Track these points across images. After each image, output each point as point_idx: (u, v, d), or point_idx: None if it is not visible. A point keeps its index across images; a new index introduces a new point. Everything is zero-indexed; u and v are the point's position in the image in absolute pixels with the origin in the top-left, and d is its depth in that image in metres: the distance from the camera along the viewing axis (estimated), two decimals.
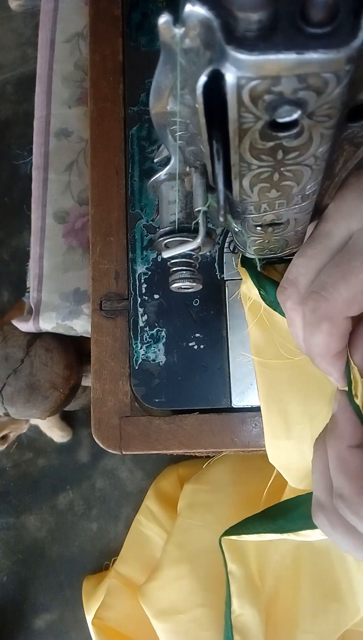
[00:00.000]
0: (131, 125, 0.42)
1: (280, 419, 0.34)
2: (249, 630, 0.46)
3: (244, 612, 0.47)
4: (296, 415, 0.34)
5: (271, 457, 0.35)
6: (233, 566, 0.47)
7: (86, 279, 0.53)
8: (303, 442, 0.33)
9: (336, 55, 0.13)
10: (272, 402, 0.34)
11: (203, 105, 0.16)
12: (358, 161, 0.21)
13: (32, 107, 0.57)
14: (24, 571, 0.98)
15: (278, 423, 0.34)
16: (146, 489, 0.82)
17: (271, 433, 0.34)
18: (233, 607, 0.47)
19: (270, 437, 0.34)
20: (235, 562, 0.47)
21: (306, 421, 0.33)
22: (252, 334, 0.35)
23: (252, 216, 0.22)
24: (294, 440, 0.33)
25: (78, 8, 0.58)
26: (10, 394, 0.57)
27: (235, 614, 0.47)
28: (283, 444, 0.34)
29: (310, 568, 0.51)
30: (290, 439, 0.34)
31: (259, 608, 0.47)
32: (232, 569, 0.47)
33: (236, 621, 0.47)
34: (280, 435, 0.34)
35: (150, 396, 0.39)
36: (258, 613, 0.47)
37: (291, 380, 0.34)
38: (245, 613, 0.47)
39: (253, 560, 0.50)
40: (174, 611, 0.53)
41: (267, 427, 0.34)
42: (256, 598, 0.48)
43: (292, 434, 0.33)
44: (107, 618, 0.69)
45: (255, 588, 0.48)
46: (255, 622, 0.47)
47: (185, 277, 0.28)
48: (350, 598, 0.50)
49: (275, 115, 0.14)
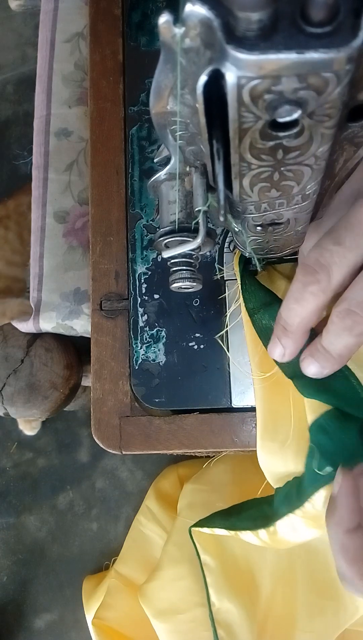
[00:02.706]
0: (131, 125, 0.42)
1: (269, 419, 0.34)
2: (232, 623, 0.46)
3: (222, 605, 0.47)
4: (282, 419, 0.33)
5: (259, 458, 0.35)
6: (206, 557, 0.47)
7: (86, 278, 0.53)
8: (287, 447, 0.33)
9: (336, 55, 0.13)
10: (264, 402, 0.34)
11: (203, 105, 0.16)
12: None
13: (32, 107, 0.57)
14: (24, 571, 0.98)
15: (266, 424, 0.34)
16: (146, 489, 0.82)
17: (259, 433, 0.34)
18: (212, 599, 0.47)
19: (259, 437, 0.34)
20: (208, 554, 0.47)
21: (290, 425, 0.33)
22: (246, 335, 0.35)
23: (252, 216, 0.22)
24: (278, 443, 0.33)
25: (78, 8, 0.58)
26: (10, 394, 0.57)
27: (214, 607, 0.47)
28: (268, 445, 0.34)
29: (306, 568, 0.51)
30: (274, 441, 0.33)
31: (244, 602, 0.47)
32: (206, 560, 0.47)
33: (217, 614, 0.47)
34: (266, 437, 0.34)
35: (150, 396, 0.39)
36: (242, 607, 0.47)
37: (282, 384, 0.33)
38: (224, 606, 0.47)
39: (241, 557, 0.49)
40: (174, 611, 0.53)
41: (258, 426, 0.34)
42: (240, 592, 0.47)
43: (277, 436, 0.33)
44: (107, 618, 0.69)
45: (240, 583, 0.48)
46: (236, 615, 0.47)
47: (185, 276, 0.28)
48: (348, 597, 0.50)
49: (275, 115, 0.14)
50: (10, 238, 0.65)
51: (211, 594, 0.47)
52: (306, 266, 0.24)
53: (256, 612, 0.49)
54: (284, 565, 0.51)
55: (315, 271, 0.24)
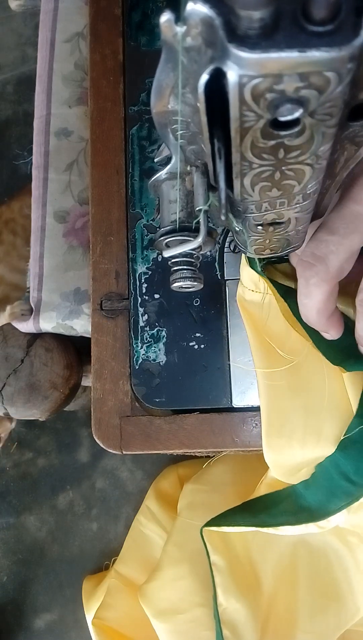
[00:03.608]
0: (132, 125, 0.42)
1: (275, 416, 0.34)
2: (237, 624, 0.47)
3: (230, 605, 0.47)
4: (292, 414, 0.34)
5: (266, 455, 0.35)
6: (216, 557, 0.47)
7: (87, 278, 0.53)
8: (294, 440, 0.34)
9: (338, 54, 0.13)
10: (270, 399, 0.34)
11: (204, 104, 0.16)
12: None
13: (32, 107, 0.57)
14: (24, 571, 0.98)
15: (271, 420, 0.34)
16: (146, 489, 0.82)
17: (265, 430, 0.34)
18: (219, 599, 0.47)
19: (265, 434, 0.34)
20: (218, 554, 0.47)
21: (300, 420, 0.33)
22: (249, 337, 0.35)
23: (253, 215, 0.22)
24: (285, 438, 0.34)
25: (78, 8, 0.58)
26: (10, 394, 0.57)
27: (222, 607, 0.47)
28: (275, 442, 0.34)
29: (308, 568, 0.51)
30: (281, 436, 0.34)
31: (249, 602, 0.47)
32: (215, 560, 0.47)
33: (224, 614, 0.47)
34: (273, 433, 0.34)
35: (150, 396, 0.39)
36: (248, 607, 0.47)
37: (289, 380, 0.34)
38: (231, 606, 0.47)
39: (244, 557, 0.50)
40: (174, 611, 0.53)
41: (263, 423, 0.34)
42: (246, 592, 0.48)
43: (284, 431, 0.34)
44: (107, 618, 0.69)
45: (245, 583, 0.48)
46: (242, 615, 0.47)
47: (186, 276, 0.28)
48: (350, 598, 0.50)
49: (277, 114, 0.14)
50: (18, 244, 0.65)
51: (218, 594, 0.47)
52: (303, 261, 0.25)
53: (259, 612, 0.49)
54: (286, 566, 0.51)
55: (312, 264, 0.25)
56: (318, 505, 0.36)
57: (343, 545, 0.51)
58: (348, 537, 0.51)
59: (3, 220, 0.68)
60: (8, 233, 0.66)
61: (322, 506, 0.36)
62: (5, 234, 0.67)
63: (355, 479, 0.33)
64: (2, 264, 0.65)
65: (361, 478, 0.33)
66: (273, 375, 0.34)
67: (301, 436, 0.33)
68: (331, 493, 0.35)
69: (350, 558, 0.51)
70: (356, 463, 0.32)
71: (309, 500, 0.37)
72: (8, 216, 0.68)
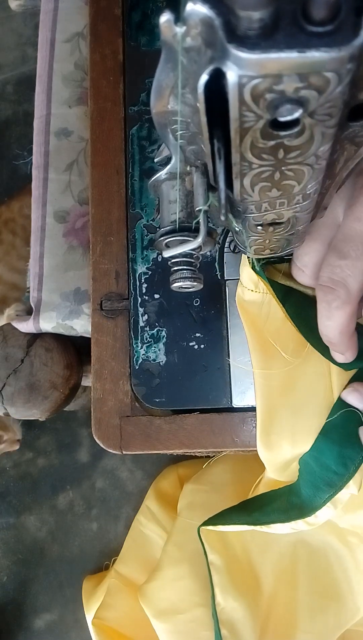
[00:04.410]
0: (131, 125, 0.42)
1: (267, 414, 0.34)
2: (235, 623, 0.47)
3: (228, 605, 0.47)
4: (282, 411, 0.34)
5: (259, 452, 0.35)
6: (213, 557, 0.47)
7: (87, 278, 0.53)
8: (283, 438, 0.34)
9: (338, 54, 0.13)
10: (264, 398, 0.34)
11: (204, 104, 0.16)
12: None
13: (32, 107, 0.57)
14: (24, 571, 0.98)
15: (265, 418, 0.34)
16: (146, 489, 0.82)
17: (259, 428, 0.35)
18: (217, 599, 0.47)
19: (258, 432, 0.35)
20: (215, 553, 0.47)
21: (290, 418, 0.34)
22: (248, 337, 0.35)
23: (253, 215, 0.22)
24: (275, 435, 0.34)
25: (78, 8, 0.58)
26: (10, 394, 0.57)
27: (220, 606, 0.47)
28: (266, 439, 0.34)
29: (308, 568, 0.51)
30: (270, 434, 0.34)
31: (247, 602, 0.47)
32: (213, 560, 0.47)
33: (222, 613, 0.47)
34: (264, 430, 0.34)
35: (150, 396, 0.39)
36: (247, 606, 0.47)
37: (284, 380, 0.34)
38: (229, 605, 0.47)
39: (243, 557, 0.50)
40: (174, 611, 0.53)
41: (257, 422, 0.35)
42: (244, 592, 0.48)
43: (273, 429, 0.34)
44: (107, 618, 0.69)
45: (243, 583, 0.48)
46: (240, 614, 0.47)
47: (186, 276, 0.28)
48: (350, 598, 0.50)
49: (277, 114, 0.14)
50: (17, 244, 0.65)
51: (216, 594, 0.47)
52: (323, 287, 0.27)
53: (259, 612, 0.49)
54: (286, 566, 0.51)
55: (332, 289, 0.26)
56: (306, 501, 0.36)
57: (343, 545, 0.51)
58: (348, 537, 0.51)
59: (3, 220, 0.68)
60: (7, 233, 0.66)
61: (308, 501, 0.35)
62: (4, 234, 0.67)
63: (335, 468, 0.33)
64: (2, 263, 0.65)
65: (342, 466, 0.33)
66: (271, 376, 0.34)
67: (290, 434, 0.34)
68: (315, 487, 0.35)
69: (350, 558, 0.51)
70: (338, 448, 0.32)
71: (300, 497, 0.37)
72: (8, 216, 0.68)
